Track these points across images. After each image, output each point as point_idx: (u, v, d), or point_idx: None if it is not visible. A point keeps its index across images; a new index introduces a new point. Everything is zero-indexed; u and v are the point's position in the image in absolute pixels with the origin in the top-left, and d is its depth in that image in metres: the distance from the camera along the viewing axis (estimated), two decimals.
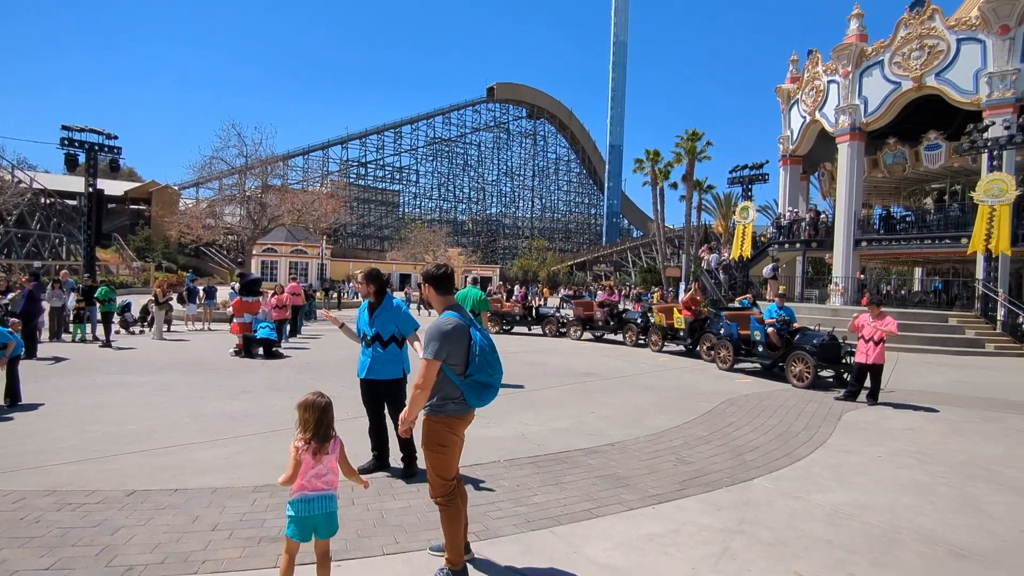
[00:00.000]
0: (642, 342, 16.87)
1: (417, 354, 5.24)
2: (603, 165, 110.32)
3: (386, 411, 5.40)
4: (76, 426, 6.68)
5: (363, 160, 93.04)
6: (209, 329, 19.02)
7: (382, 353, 5.24)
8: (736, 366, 12.75)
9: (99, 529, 4.01)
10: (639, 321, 17.32)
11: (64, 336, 15.23)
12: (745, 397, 9.62)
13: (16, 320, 10.90)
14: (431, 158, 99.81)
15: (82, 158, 21.56)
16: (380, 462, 5.44)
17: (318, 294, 33.25)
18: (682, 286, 32.09)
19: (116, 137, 21.86)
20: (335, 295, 37.44)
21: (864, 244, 24.26)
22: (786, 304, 12.43)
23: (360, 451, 5.43)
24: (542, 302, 31.86)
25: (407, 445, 5.24)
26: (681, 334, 15.35)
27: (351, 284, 48.89)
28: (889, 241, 23.89)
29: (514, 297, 24.13)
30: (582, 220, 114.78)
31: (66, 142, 20.84)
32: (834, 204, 26.84)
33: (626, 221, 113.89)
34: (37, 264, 39.69)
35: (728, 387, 10.62)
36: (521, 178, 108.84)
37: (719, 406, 8.82)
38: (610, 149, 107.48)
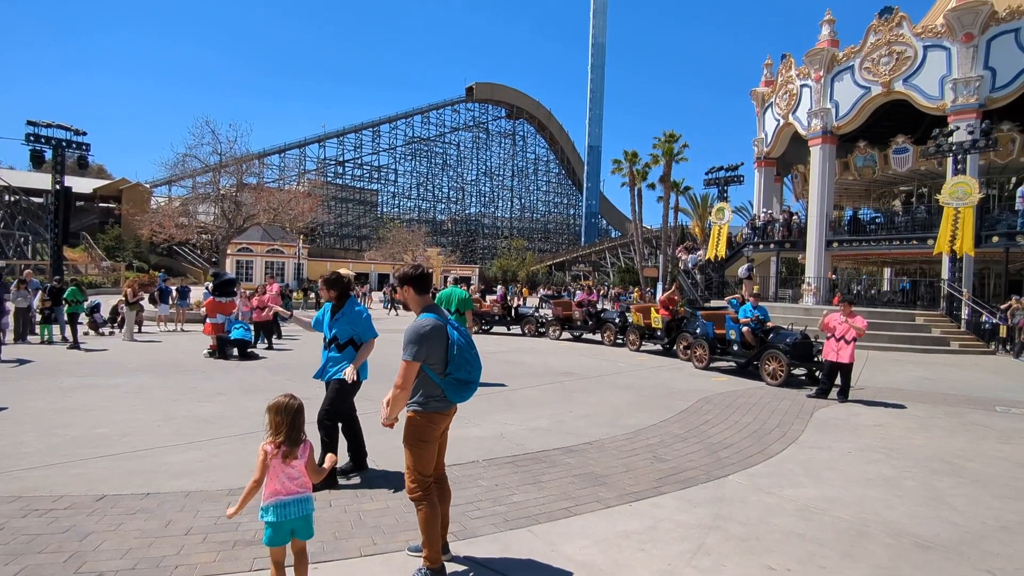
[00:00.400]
0: (620, 341, 17.01)
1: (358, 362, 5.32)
2: (582, 166, 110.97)
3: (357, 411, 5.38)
4: (42, 430, 6.52)
5: (341, 159, 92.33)
6: (182, 330, 18.70)
7: (338, 355, 5.27)
8: (712, 365, 12.93)
9: (67, 535, 3.93)
10: (617, 321, 17.45)
11: (30, 338, 14.85)
12: (720, 395, 9.76)
13: None
14: (410, 157, 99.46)
15: (49, 155, 21.04)
16: (357, 463, 5.40)
17: (295, 294, 32.86)
18: (659, 286, 32.43)
19: (85, 133, 21.40)
20: (312, 295, 37.04)
21: (835, 245, 24.75)
22: (760, 304, 12.64)
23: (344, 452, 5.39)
24: (521, 302, 31.93)
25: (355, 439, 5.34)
26: (659, 333, 15.52)
27: None
28: (859, 242, 24.42)
29: (493, 297, 24.16)
30: (561, 220, 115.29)
31: (32, 138, 20.33)
32: (807, 206, 27.37)
33: (604, 221, 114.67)
34: (1, 263, 38.61)
35: (704, 385, 10.76)
36: (500, 178, 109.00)
37: (695, 404, 8.94)
38: (589, 150, 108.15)
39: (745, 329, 11.95)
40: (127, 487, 4.84)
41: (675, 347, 14.70)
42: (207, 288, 16.17)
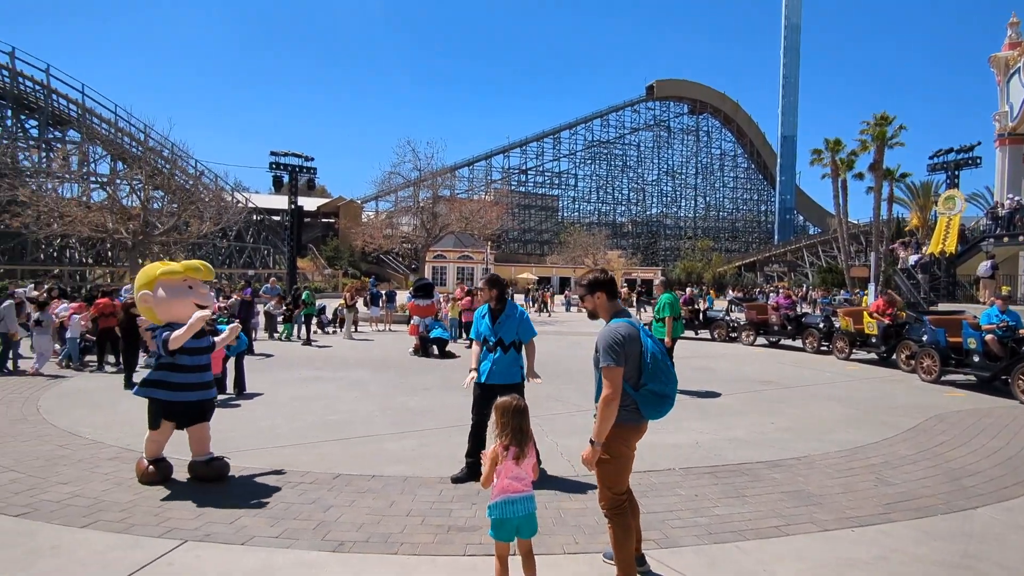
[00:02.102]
0: (825, 349, 15.41)
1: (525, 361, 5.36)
2: (774, 158, 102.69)
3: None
4: (289, 415, 7.65)
5: (524, 167, 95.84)
6: (390, 330, 20.75)
7: (503, 357, 5.26)
8: (943, 378, 11.16)
9: (314, 506, 4.55)
10: (822, 326, 15.83)
11: (273, 335, 17.54)
12: (957, 414, 8.38)
13: (236, 322, 12.75)
14: (589, 161, 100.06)
15: (286, 179, 24.77)
16: (473, 471, 5.15)
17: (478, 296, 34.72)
18: (871, 287, 28.81)
19: (312, 159, 24.84)
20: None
21: None
22: (1010, 307, 10.64)
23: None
24: (712, 306, 30.46)
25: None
26: (873, 340, 13.77)
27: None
28: None
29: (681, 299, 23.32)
30: (751, 218, 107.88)
31: (273, 166, 24.11)
32: None
33: (801, 217, 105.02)
34: (250, 272, 46.22)
35: (934, 401, 9.33)
36: (683, 176, 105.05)
37: (925, 422, 7.78)
38: (782, 141, 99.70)
39: (990, 337, 10.12)
40: (356, 468, 5.48)
41: (894, 356, 12.94)
42: (410, 293, 17.84)
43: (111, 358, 11.49)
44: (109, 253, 46.46)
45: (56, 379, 10.03)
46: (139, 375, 9.84)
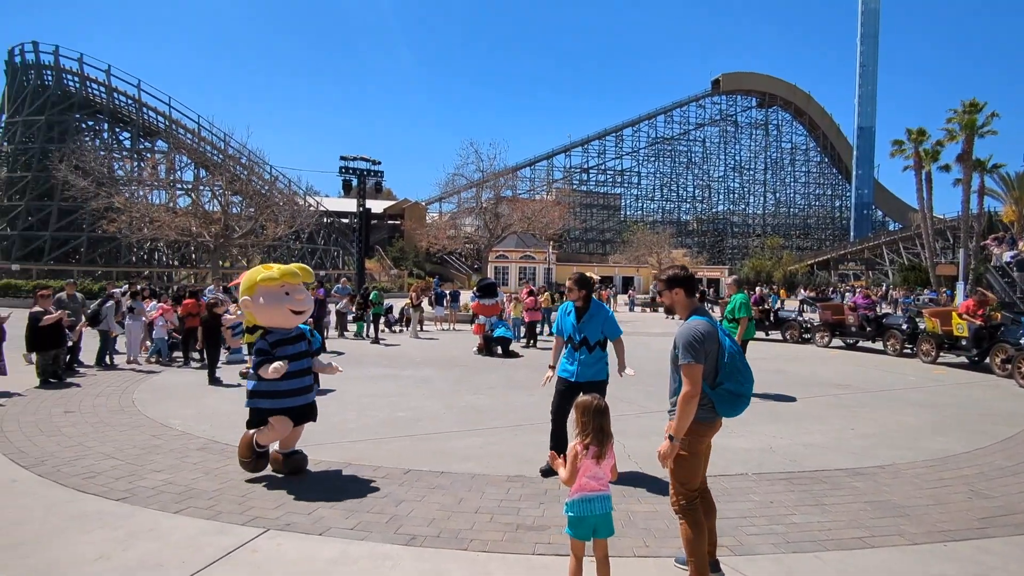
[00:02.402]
0: (909, 351, 14.55)
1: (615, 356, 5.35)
2: (850, 151, 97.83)
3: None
4: (359, 410, 7.89)
5: (585, 166, 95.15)
6: (454, 329, 21.06)
7: (589, 356, 5.27)
8: None
9: (386, 500, 4.68)
10: (905, 327, 14.95)
11: (344, 334, 18.13)
12: None
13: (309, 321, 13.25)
14: (653, 158, 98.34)
15: (354, 183, 25.56)
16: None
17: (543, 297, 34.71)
18: (960, 286, 26.99)
19: (379, 163, 25.51)
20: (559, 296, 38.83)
21: None
22: None
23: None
24: (780, 305, 29.35)
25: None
26: (963, 343, 12.90)
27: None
28: None
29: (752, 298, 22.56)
30: (824, 214, 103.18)
31: (343, 170, 24.93)
32: None
33: (880, 212, 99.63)
34: (321, 273, 47.97)
35: None
36: (751, 172, 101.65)
37: None
38: (858, 132, 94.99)
39: None
40: (425, 464, 5.59)
41: (988, 360, 12.07)
42: (473, 292, 18.06)
43: (196, 354, 12.19)
44: (193, 255, 49.36)
45: (148, 374, 10.72)
46: (221, 370, 10.42)
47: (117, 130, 53.55)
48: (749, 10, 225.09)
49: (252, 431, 5.17)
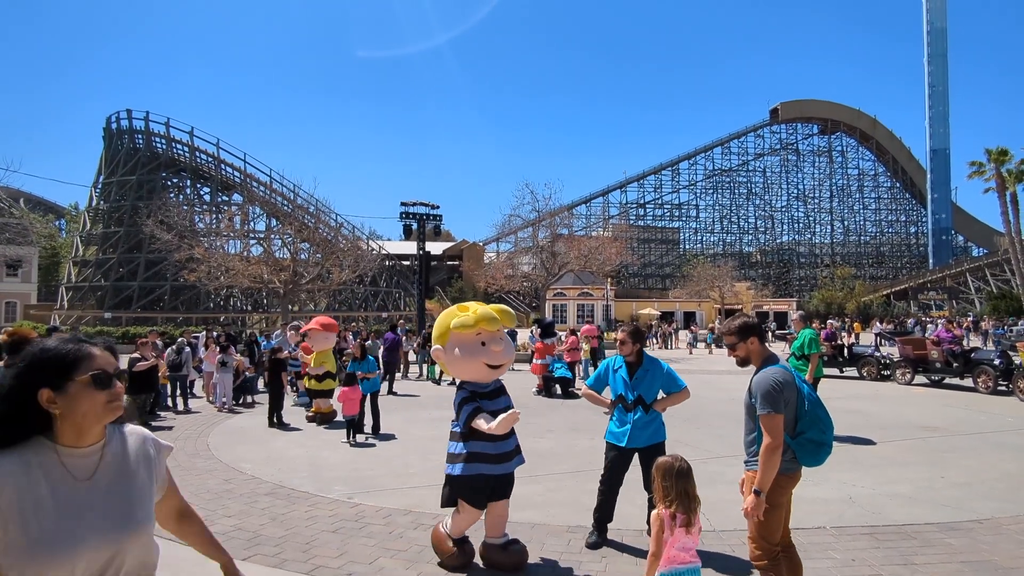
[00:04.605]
0: (1003, 388, 13.49)
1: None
2: (923, 174, 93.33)
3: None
4: (421, 454, 7.96)
5: (641, 201, 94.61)
6: (512, 369, 21.05)
7: (644, 417, 4.77)
8: None
9: None
10: (998, 362, 13.89)
11: (407, 375, 18.42)
12: None
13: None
14: (711, 191, 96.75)
15: (414, 226, 26.33)
16: (602, 536, 4.87)
17: (606, 335, 34.33)
18: None
19: (438, 207, 26.24)
20: None
21: None
22: None
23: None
24: (853, 339, 27.94)
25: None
26: None
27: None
28: None
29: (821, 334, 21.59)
30: (898, 241, 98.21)
31: (403, 215, 25.78)
32: None
33: (960, 237, 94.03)
34: (383, 315, 49.21)
35: None
36: (816, 200, 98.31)
37: None
38: (931, 155, 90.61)
39: None
40: None
41: None
42: (531, 332, 18.05)
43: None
44: (264, 301, 51.65)
45: (222, 417, 11.19)
46: (286, 412, 10.75)
47: (198, 185, 57.40)
48: (806, 40, 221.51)
49: (449, 519, 4.48)
